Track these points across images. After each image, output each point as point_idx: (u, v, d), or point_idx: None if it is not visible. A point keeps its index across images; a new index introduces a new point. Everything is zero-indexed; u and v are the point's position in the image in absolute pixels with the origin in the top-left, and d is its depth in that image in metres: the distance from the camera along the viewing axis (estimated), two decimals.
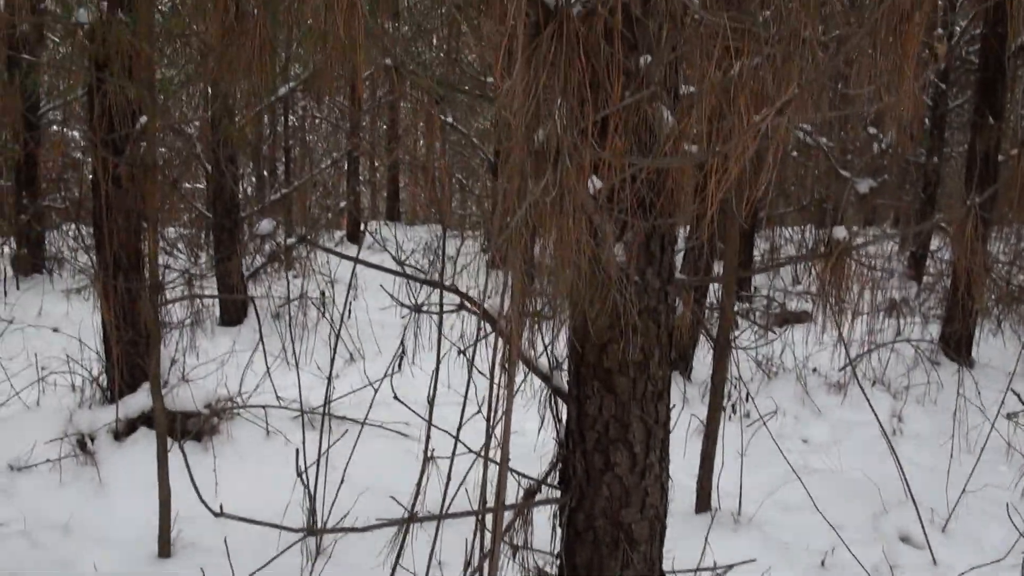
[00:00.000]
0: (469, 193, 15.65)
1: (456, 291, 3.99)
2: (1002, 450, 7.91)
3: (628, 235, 3.03)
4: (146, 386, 7.27)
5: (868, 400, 6.66)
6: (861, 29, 2.39)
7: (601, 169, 2.68)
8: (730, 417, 8.49)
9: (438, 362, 3.46)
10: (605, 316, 3.19)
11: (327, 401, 5.64)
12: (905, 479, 6.28)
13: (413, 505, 3.52)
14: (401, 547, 3.50)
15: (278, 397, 7.83)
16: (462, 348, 4.17)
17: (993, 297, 13.10)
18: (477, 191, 18.51)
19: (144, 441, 7.03)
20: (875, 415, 6.59)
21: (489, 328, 4.08)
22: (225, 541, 5.08)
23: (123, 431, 7.09)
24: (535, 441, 7.20)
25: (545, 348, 3.85)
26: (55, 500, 6.26)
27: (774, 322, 12.14)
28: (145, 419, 7.15)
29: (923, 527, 6.07)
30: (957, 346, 10.67)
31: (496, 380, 3.80)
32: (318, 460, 5.17)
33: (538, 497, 3.66)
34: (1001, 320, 12.60)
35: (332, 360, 5.26)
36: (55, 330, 10.59)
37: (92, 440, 6.93)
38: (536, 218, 2.51)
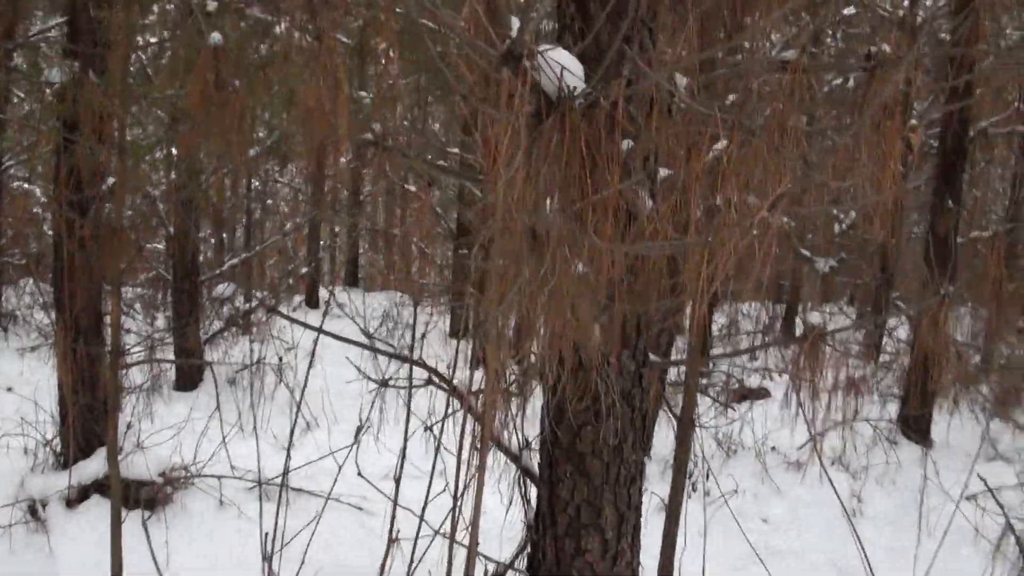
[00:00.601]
0: (431, 262, 15.63)
1: (425, 366, 3.94)
2: (965, 532, 7.88)
3: (604, 318, 3.00)
4: (101, 452, 7.13)
5: (831, 480, 6.62)
6: (848, 129, 2.39)
7: (585, 254, 2.65)
8: (690, 495, 8.42)
9: (405, 440, 3.39)
10: (580, 399, 3.14)
11: (285, 472, 5.52)
12: (869, 565, 6.23)
13: None
14: None
15: (232, 467, 7.68)
16: (429, 424, 4.11)
17: (950, 377, 13.15)
18: (439, 260, 18.47)
19: (96, 509, 6.87)
20: (837, 496, 6.56)
21: (458, 404, 4.02)
22: None
23: (75, 498, 6.94)
24: (501, 520, 7.10)
25: (515, 428, 3.79)
26: (4, 568, 6.09)
27: (733, 398, 12.12)
28: (98, 486, 7.00)
29: None
30: (916, 426, 10.68)
31: (464, 459, 3.73)
32: (274, 538, 5.05)
33: None
34: (958, 401, 12.65)
35: (292, 431, 5.16)
36: (9, 389, 10.39)
37: (44, 507, 6.77)
38: (527, 302, 2.47)
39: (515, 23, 2.28)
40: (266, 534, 4.82)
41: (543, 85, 2.34)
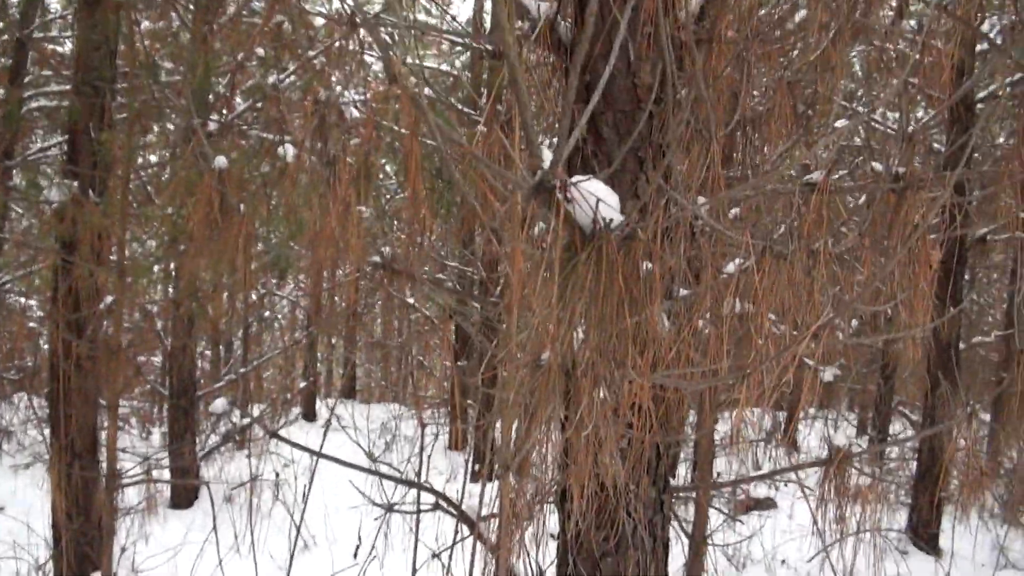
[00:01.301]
0: (430, 375, 15.50)
1: (433, 491, 3.81)
2: None
3: (624, 445, 2.89)
4: None
5: None
6: (881, 253, 2.33)
7: (615, 386, 2.55)
8: None
9: (414, 570, 3.25)
10: (599, 527, 3.01)
11: None
12: None
13: None
14: None
15: None
16: (437, 552, 3.96)
17: (957, 482, 12.97)
18: (436, 373, 18.32)
19: None
20: None
21: (466, 530, 3.89)
22: None
23: None
24: None
25: (528, 556, 3.65)
26: None
27: (739, 509, 11.92)
28: None
29: None
30: (926, 536, 10.48)
31: None
32: None
33: None
34: (967, 508, 12.43)
35: (292, 553, 5.00)
36: (1, 508, 10.19)
37: None
38: (552, 435, 2.38)
39: (546, 154, 2.21)
40: None
41: (577, 217, 2.27)
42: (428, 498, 4.13)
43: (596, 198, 2.27)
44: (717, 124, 2.96)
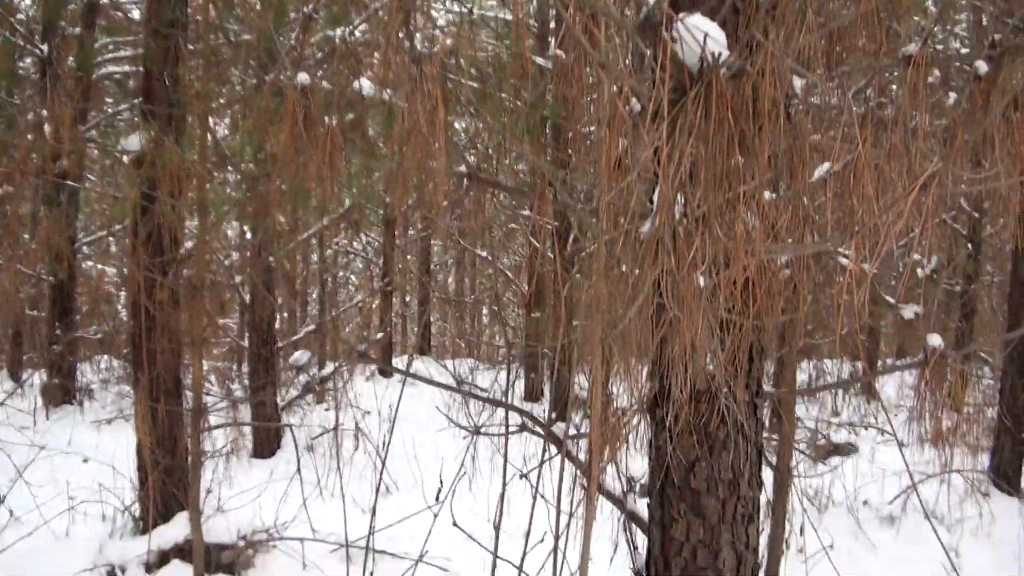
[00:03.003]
0: (505, 324, 15.48)
1: (519, 411, 3.81)
2: None
3: (716, 344, 2.86)
4: (180, 516, 7.04)
5: (935, 529, 6.34)
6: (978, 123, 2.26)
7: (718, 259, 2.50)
8: (783, 554, 8.14)
9: (504, 485, 3.25)
10: (692, 432, 2.99)
11: (371, 532, 5.40)
12: None
13: None
14: None
15: (314, 530, 7.56)
16: (524, 472, 3.95)
17: None
18: (511, 323, 18.32)
19: (176, 574, 6.77)
20: (941, 543, 6.29)
21: (554, 450, 3.88)
22: None
23: (155, 563, 6.85)
24: (605, 570, 6.87)
25: (617, 471, 3.64)
26: None
27: (820, 455, 11.81)
28: (178, 551, 6.91)
29: None
30: (1008, 477, 10.32)
31: (563, 507, 3.59)
32: None
33: None
34: None
35: (377, 487, 5.04)
36: (86, 460, 10.37)
37: (123, 572, 6.68)
38: (643, 321, 2.34)
39: None
40: None
41: (684, 57, 2.22)
42: (514, 421, 4.13)
43: (704, 33, 2.21)
44: None
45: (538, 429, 3.83)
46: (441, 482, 6.56)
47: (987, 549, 8.57)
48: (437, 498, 7.84)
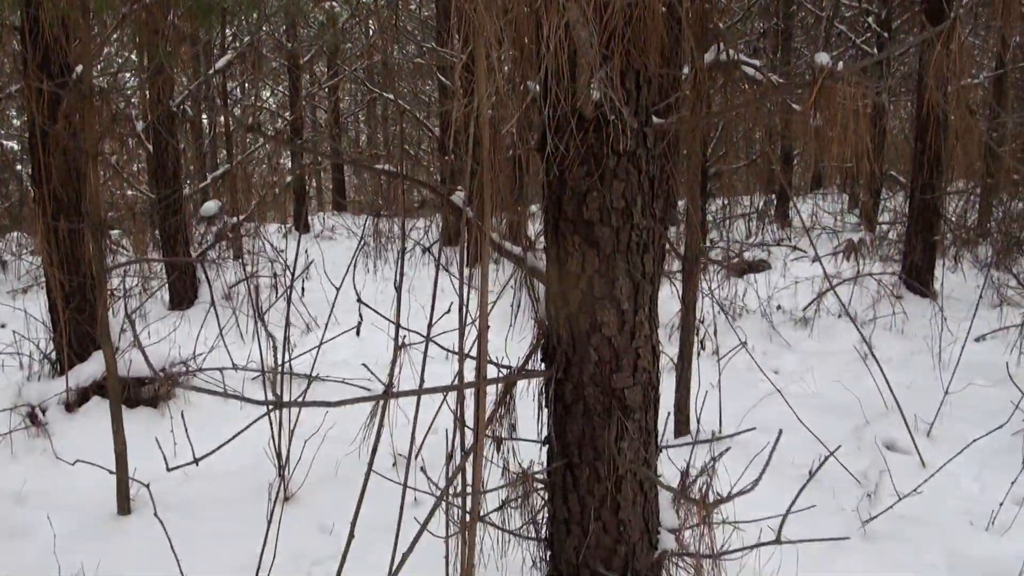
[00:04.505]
0: (418, 165, 15.36)
1: (418, 182, 3.77)
2: (975, 368, 7.78)
3: (603, 69, 2.81)
4: (97, 354, 6.97)
5: (849, 317, 6.49)
6: None
7: None
8: (698, 354, 8.31)
9: (402, 254, 3.22)
10: (582, 162, 2.96)
11: (288, 353, 5.37)
12: (890, 387, 6.15)
13: (389, 383, 3.29)
14: (380, 424, 3.26)
15: (233, 363, 7.55)
16: (427, 246, 3.92)
17: (949, 238, 13.10)
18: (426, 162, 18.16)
19: (97, 411, 6.73)
20: (858, 330, 6.44)
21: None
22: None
23: (74, 401, 6.80)
24: (511, 341, 6.94)
25: (512, 226, 3.64)
26: (6, 472, 5.97)
27: (734, 272, 12.00)
28: (97, 388, 6.86)
29: (909, 431, 5.93)
30: (920, 278, 10.58)
31: (466, 273, 3.58)
32: (281, 419, 4.91)
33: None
34: (959, 257, 12.60)
35: (287, 313, 5.01)
36: (2, 325, 10.24)
37: (43, 412, 6.62)
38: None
39: None
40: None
41: None
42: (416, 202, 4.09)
43: None
44: None
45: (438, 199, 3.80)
46: (361, 317, 6.56)
47: (900, 342, 8.82)
48: (358, 331, 7.88)
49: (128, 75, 9.78)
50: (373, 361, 8.09)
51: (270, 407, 3.65)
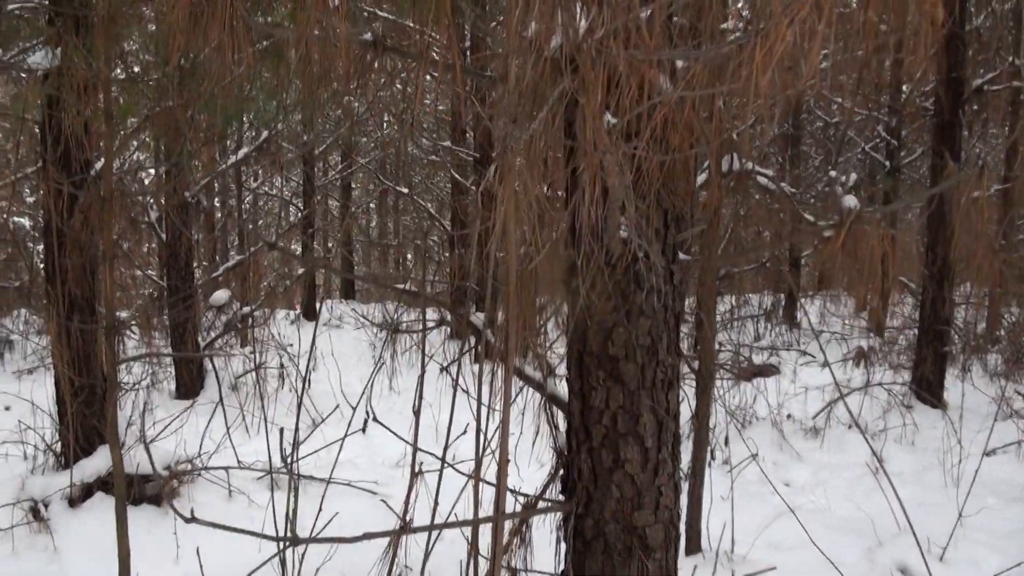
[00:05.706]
0: (429, 260, 15.39)
1: (438, 302, 3.76)
2: (988, 485, 7.71)
3: (631, 209, 2.81)
4: (102, 449, 6.92)
5: (859, 427, 6.44)
6: None
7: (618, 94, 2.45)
8: (709, 464, 8.24)
9: (422, 372, 3.20)
10: (609, 298, 2.95)
11: (295, 449, 5.32)
12: (903, 507, 6.06)
13: (404, 514, 3.24)
14: (393, 559, 3.20)
15: (239, 460, 7.49)
16: (445, 365, 3.90)
17: (959, 346, 13.06)
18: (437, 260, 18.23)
19: (100, 507, 6.66)
20: (868, 443, 6.38)
21: (473, 342, 3.84)
22: None
23: (78, 497, 6.73)
24: (528, 455, 6.87)
25: (536, 356, 3.61)
26: (7, 569, 5.88)
27: (743, 376, 11.95)
28: (101, 483, 6.79)
29: (923, 555, 5.83)
30: (930, 389, 10.52)
31: (485, 394, 3.55)
32: (288, 521, 4.85)
33: (540, 507, 3.38)
34: (968, 366, 12.55)
35: (298, 412, 4.98)
36: (7, 408, 10.19)
37: (46, 507, 6.55)
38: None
39: None
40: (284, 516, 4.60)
41: None
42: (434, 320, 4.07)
43: None
44: None
45: (457, 321, 3.78)
46: (368, 414, 6.52)
47: (910, 455, 8.74)
48: (364, 429, 7.83)
49: (145, 161, 9.85)
50: (380, 460, 8.04)
51: (284, 544, 3.59)
